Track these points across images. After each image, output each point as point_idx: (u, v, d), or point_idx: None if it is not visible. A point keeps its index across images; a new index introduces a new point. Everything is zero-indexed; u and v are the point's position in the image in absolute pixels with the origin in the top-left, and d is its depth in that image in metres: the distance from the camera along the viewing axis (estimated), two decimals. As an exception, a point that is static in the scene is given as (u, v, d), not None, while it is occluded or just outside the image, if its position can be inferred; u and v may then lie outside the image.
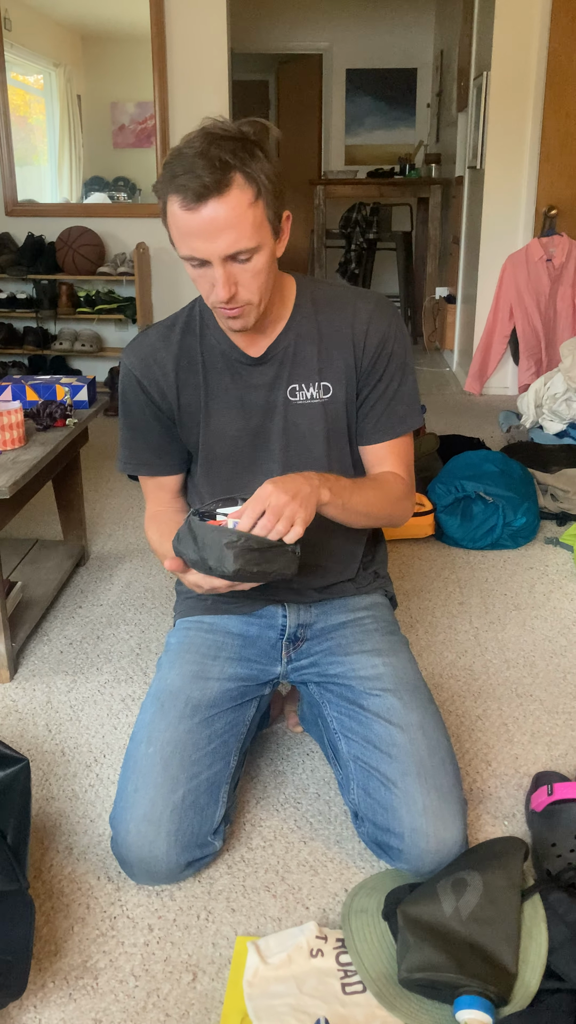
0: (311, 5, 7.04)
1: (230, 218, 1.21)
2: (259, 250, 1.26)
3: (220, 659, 1.52)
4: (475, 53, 4.88)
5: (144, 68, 4.53)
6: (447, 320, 5.66)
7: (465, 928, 1.19)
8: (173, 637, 1.59)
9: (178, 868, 1.35)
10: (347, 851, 1.50)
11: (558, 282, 4.52)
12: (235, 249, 1.23)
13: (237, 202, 1.21)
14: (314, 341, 1.44)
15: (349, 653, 1.52)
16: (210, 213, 1.20)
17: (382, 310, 1.44)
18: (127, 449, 1.56)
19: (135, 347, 1.49)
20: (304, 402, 1.45)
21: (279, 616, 1.57)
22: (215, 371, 1.46)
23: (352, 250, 6.33)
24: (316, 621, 1.57)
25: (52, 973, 1.27)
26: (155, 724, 1.42)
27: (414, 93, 7.27)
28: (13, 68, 4.62)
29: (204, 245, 1.23)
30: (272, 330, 1.43)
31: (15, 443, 2.04)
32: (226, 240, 1.22)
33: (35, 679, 2.04)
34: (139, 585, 2.52)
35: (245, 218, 1.22)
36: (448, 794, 1.34)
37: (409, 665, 1.51)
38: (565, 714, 1.89)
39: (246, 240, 1.23)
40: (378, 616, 1.60)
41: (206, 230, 1.22)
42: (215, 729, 1.44)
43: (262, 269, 1.28)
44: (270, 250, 1.29)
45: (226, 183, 1.20)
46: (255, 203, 1.23)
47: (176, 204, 1.22)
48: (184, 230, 1.23)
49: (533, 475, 3.04)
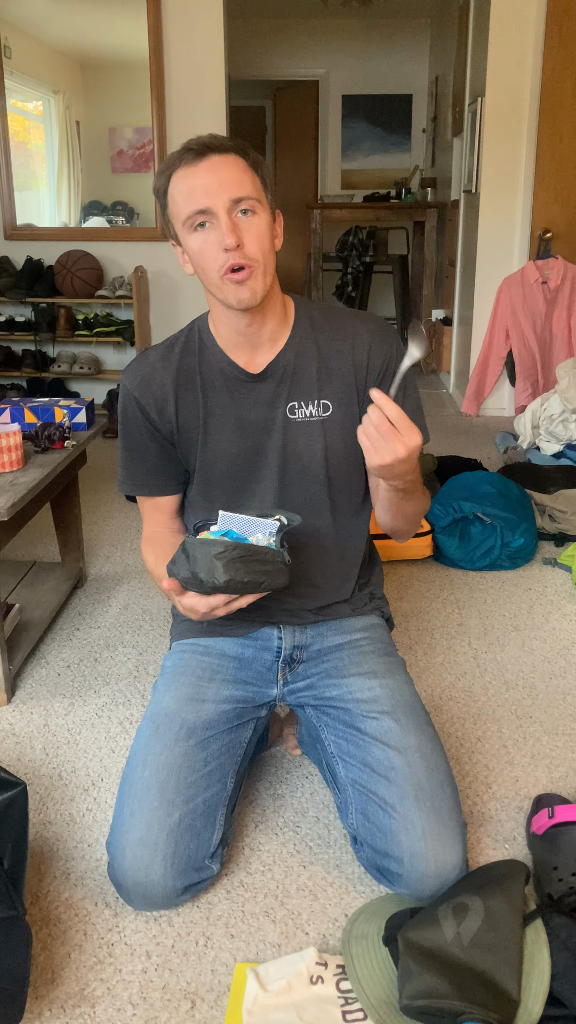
0: (308, 32, 7.14)
1: (232, 170, 1.29)
2: (261, 207, 1.32)
3: (216, 681, 1.51)
4: (469, 79, 4.94)
5: (142, 94, 4.58)
6: (443, 342, 5.69)
7: (467, 954, 1.17)
8: (168, 660, 1.59)
9: (175, 893, 1.34)
10: (347, 875, 1.48)
11: (553, 304, 4.55)
12: (239, 194, 1.29)
13: (237, 161, 1.30)
14: (314, 359, 1.45)
15: (345, 675, 1.52)
16: (213, 162, 1.29)
17: (383, 332, 1.46)
18: (125, 469, 1.57)
19: (134, 368, 1.50)
20: (303, 420, 1.45)
21: (274, 638, 1.56)
22: (214, 389, 1.46)
23: (349, 273, 6.38)
24: (312, 643, 1.57)
25: (49, 1001, 1.26)
26: (150, 747, 1.41)
27: (410, 118, 7.35)
28: (13, 95, 4.67)
29: (206, 197, 1.29)
30: (272, 347, 1.44)
31: (13, 465, 2.05)
32: (230, 187, 1.29)
33: (32, 702, 2.03)
34: (137, 607, 2.51)
35: (245, 174, 1.30)
36: (447, 817, 1.33)
37: (406, 687, 1.51)
38: (565, 736, 1.88)
39: (249, 188, 1.30)
40: (374, 637, 1.59)
41: (209, 178, 1.28)
42: (211, 751, 1.43)
43: (264, 232, 1.32)
44: (268, 222, 1.33)
45: (227, 147, 1.30)
46: (254, 174, 1.31)
47: (179, 171, 1.30)
48: (188, 187, 1.29)
49: (531, 496, 3.05)
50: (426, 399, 5.33)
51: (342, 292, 6.48)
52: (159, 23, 4.46)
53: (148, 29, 4.46)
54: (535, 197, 4.49)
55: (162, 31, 4.47)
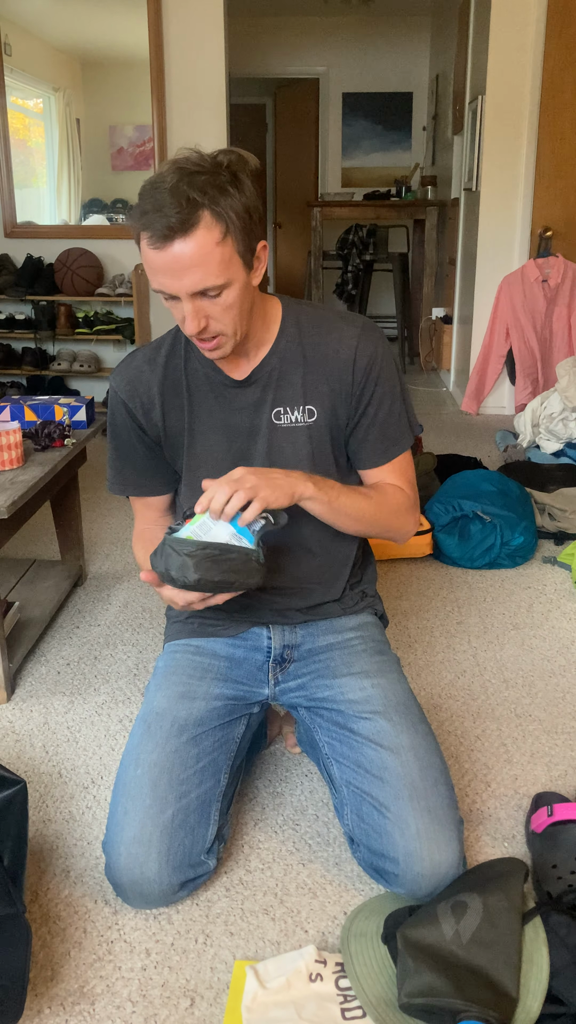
0: (308, 30, 7.13)
1: (195, 257, 1.21)
2: (228, 286, 1.26)
3: (207, 679, 1.51)
4: (470, 77, 4.93)
5: (143, 92, 4.58)
6: (444, 340, 5.69)
7: (465, 952, 1.18)
8: (161, 661, 1.59)
9: (171, 889, 1.34)
10: (346, 873, 1.49)
11: (554, 302, 4.55)
12: (201, 287, 1.24)
13: (204, 241, 1.21)
14: (299, 364, 1.43)
15: (337, 676, 1.52)
16: (176, 252, 1.21)
17: (368, 333, 1.44)
18: (114, 470, 1.58)
19: (122, 370, 1.49)
20: (289, 425, 1.45)
21: (264, 638, 1.56)
22: (199, 393, 1.46)
23: (349, 271, 6.38)
24: (302, 642, 1.57)
25: (48, 999, 1.26)
26: (142, 746, 1.42)
27: (410, 116, 7.34)
28: (13, 92, 4.67)
29: (171, 282, 1.24)
30: (256, 353, 1.43)
31: (13, 463, 2.05)
32: (192, 278, 1.23)
33: (32, 700, 2.03)
34: (136, 605, 2.52)
35: (212, 257, 1.22)
36: (442, 816, 1.33)
37: (399, 685, 1.50)
38: (564, 734, 1.88)
39: (213, 278, 1.23)
40: (366, 636, 1.59)
41: (172, 268, 1.22)
42: (203, 748, 1.43)
43: (233, 303, 1.28)
44: (241, 284, 1.28)
45: (192, 223, 1.19)
46: (223, 241, 1.22)
47: (144, 241, 1.23)
48: (152, 266, 1.24)
49: (530, 494, 3.05)
50: (426, 398, 5.33)
51: (342, 290, 6.48)
52: (159, 20, 4.45)
53: (148, 26, 4.45)
54: (535, 195, 4.48)
55: (162, 28, 4.47)
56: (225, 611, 1.56)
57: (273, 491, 1.28)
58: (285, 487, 1.30)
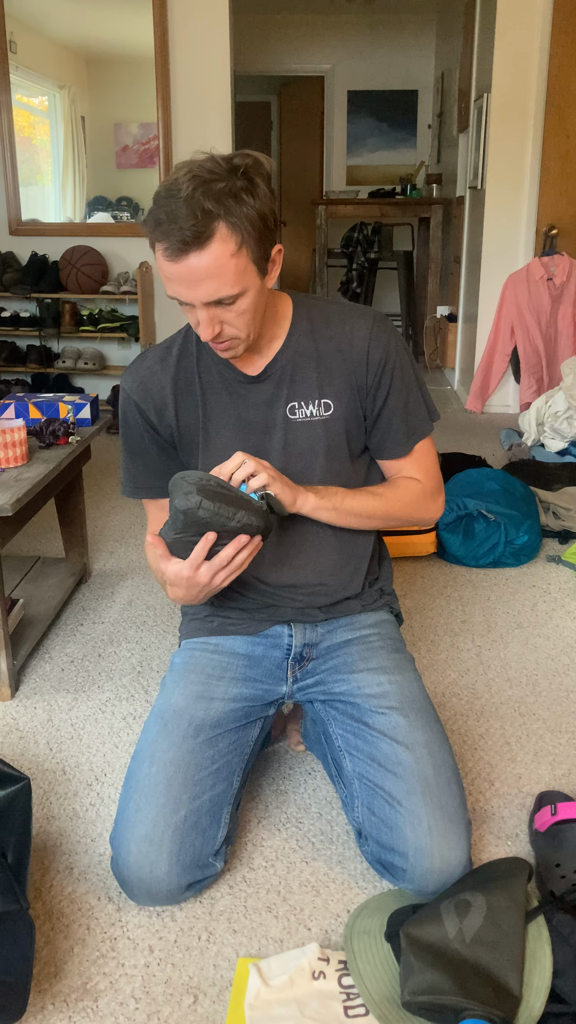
0: (313, 28, 7.12)
1: (210, 269, 1.21)
2: (243, 294, 1.26)
3: (225, 679, 1.51)
4: (475, 75, 4.92)
5: (148, 90, 4.58)
6: (448, 339, 5.68)
7: (469, 950, 1.18)
8: (178, 657, 1.59)
9: (179, 889, 1.34)
10: (349, 871, 1.49)
11: (559, 301, 4.54)
12: (216, 297, 1.24)
13: (219, 253, 1.20)
14: (312, 358, 1.44)
15: (355, 671, 1.52)
16: (191, 264, 1.21)
17: (380, 326, 1.44)
18: (127, 473, 1.58)
19: (133, 371, 1.49)
20: (304, 420, 1.45)
21: (285, 636, 1.56)
22: (212, 391, 1.46)
23: (354, 269, 6.37)
24: (322, 640, 1.57)
25: (52, 995, 1.26)
26: (158, 743, 1.41)
27: (415, 114, 7.32)
28: (18, 90, 4.67)
29: (186, 291, 1.24)
30: (268, 349, 1.43)
31: (18, 460, 2.05)
32: (207, 289, 1.23)
33: (36, 697, 2.03)
34: (141, 603, 2.52)
35: (227, 268, 1.22)
36: (453, 814, 1.33)
37: (415, 683, 1.51)
38: (568, 733, 1.88)
39: (228, 288, 1.24)
40: (384, 633, 1.60)
41: (187, 279, 1.23)
42: (219, 749, 1.43)
43: (247, 309, 1.29)
44: (256, 290, 1.28)
45: (208, 235, 1.19)
46: (238, 252, 1.22)
47: (159, 251, 1.23)
48: (167, 276, 1.25)
49: (535, 493, 3.04)
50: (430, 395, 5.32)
51: (347, 288, 6.47)
52: (165, 18, 4.45)
53: (154, 24, 4.45)
54: (541, 193, 4.47)
55: (168, 26, 4.47)
56: (246, 610, 1.56)
57: (279, 482, 1.34)
58: (290, 487, 1.37)
